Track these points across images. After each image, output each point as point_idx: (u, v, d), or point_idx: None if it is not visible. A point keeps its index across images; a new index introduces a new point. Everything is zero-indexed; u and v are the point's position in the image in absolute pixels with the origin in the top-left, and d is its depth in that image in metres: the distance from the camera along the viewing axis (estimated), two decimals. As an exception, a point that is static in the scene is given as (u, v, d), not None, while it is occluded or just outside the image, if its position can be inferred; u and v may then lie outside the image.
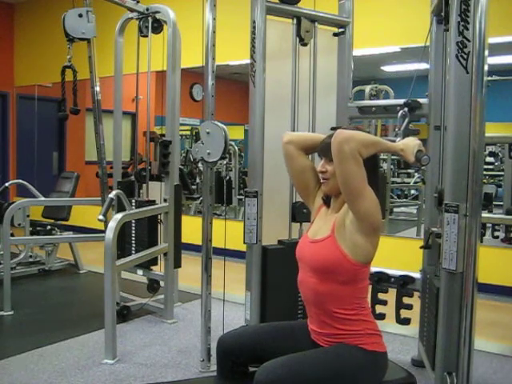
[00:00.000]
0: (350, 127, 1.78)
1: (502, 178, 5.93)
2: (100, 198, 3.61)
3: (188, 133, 8.67)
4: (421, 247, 2.72)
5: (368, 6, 4.26)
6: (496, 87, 3.61)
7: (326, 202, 1.82)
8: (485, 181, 6.62)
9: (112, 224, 2.87)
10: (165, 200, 3.48)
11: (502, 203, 5.16)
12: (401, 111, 2.26)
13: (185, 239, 3.73)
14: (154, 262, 3.60)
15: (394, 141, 1.77)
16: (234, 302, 3.58)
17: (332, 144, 1.57)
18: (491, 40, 1.99)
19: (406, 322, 2.66)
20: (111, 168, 3.80)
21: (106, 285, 2.81)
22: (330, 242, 1.66)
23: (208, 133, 2.54)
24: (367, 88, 5.81)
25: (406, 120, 2.20)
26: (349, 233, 1.63)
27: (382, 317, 2.63)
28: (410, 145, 1.67)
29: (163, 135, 3.76)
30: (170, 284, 3.49)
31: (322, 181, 1.76)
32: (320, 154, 1.79)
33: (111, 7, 3.45)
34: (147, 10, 3.54)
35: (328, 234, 1.68)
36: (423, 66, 2.58)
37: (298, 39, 2.72)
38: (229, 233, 2.80)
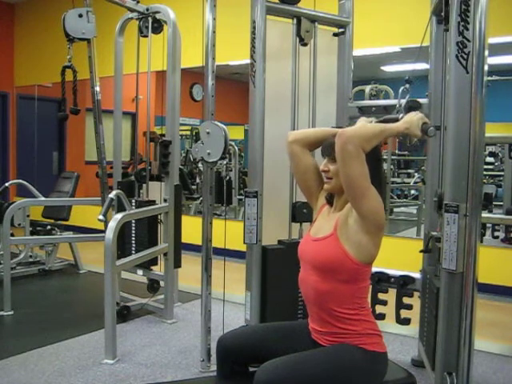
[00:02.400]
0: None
1: (501, 178, 5.93)
2: (100, 198, 3.61)
3: (188, 133, 8.67)
4: (420, 251, 2.72)
5: (368, 6, 4.26)
6: (496, 87, 3.61)
7: (330, 201, 1.82)
8: (485, 181, 6.62)
9: (112, 224, 2.87)
10: (165, 200, 3.48)
11: (502, 203, 5.16)
12: (402, 87, 2.24)
13: (185, 239, 3.73)
14: (154, 262, 3.60)
15: (396, 118, 1.76)
16: (234, 302, 3.58)
17: (336, 145, 1.57)
18: (491, 40, 1.99)
19: (406, 322, 2.66)
20: (111, 168, 3.79)
21: (106, 285, 2.81)
22: (332, 240, 1.66)
23: (208, 133, 2.54)
24: (367, 88, 5.81)
25: (408, 96, 2.18)
26: (352, 231, 1.63)
27: (382, 317, 2.63)
28: (413, 120, 1.65)
29: (163, 135, 3.76)
30: (170, 284, 3.49)
31: (325, 180, 1.76)
32: (323, 153, 1.79)
33: (111, 7, 3.45)
34: (147, 10, 3.54)
35: (330, 232, 1.68)
36: (420, 66, 2.58)
37: (298, 39, 2.72)
38: (229, 233, 2.80)
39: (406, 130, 1.65)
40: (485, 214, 3.70)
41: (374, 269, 2.61)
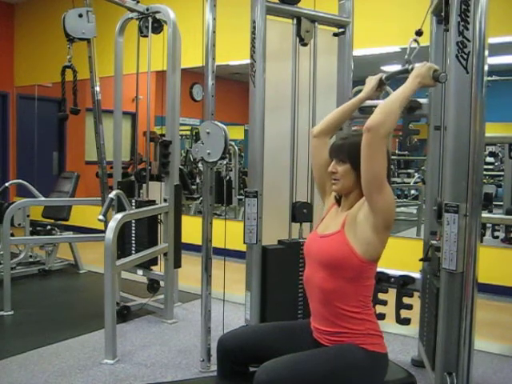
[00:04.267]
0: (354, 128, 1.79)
1: (502, 178, 5.92)
2: (100, 198, 3.61)
3: (188, 133, 8.67)
4: (420, 260, 2.71)
5: (368, 6, 4.26)
6: (496, 87, 3.61)
7: (338, 200, 1.83)
8: (485, 181, 6.62)
9: (112, 224, 2.87)
10: (165, 200, 3.48)
11: (502, 203, 5.16)
12: (411, 39, 2.22)
13: (185, 239, 3.73)
14: (154, 262, 3.60)
15: (406, 69, 1.77)
16: (234, 302, 3.58)
17: (363, 142, 1.57)
18: (491, 40, 1.99)
19: (405, 322, 2.66)
20: (111, 168, 3.79)
21: (106, 285, 2.81)
22: (339, 237, 1.67)
23: (208, 133, 2.54)
24: (367, 88, 5.79)
25: (417, 47, 2.16)
26: (360, 228, 1.63)
27: (382, 317, 2.63)
28: (423, 72, 1.68)
29: (163, 135, 3.76)
30: (170, 284, 3.49)
31: (332, 182, 1.77)
32: (331, 155, 1.79)
33: (111, 7, 3.45)
34: (147, 10, 3.54)
35: (338, 229, 1.69)
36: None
37: (298, 39, 2.72)
38: (229, 233, 2.80)
39: (420, 84, 1.67)
40: (485, 214, 3.70)
41: (375, 269, 2.62)
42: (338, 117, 1.96)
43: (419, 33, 2.25)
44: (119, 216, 2.95)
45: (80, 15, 3.20)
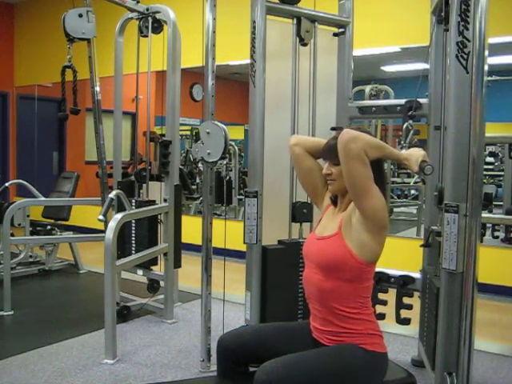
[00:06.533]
0: (353, 127, 1.79)
1: (502, 178, 5.92)
2: (100, 198, 3.62)
3: (188, 133, 8.67)
4: (421, 245, 2.72)
5: (368, 6, 4.26)
6: (496, 87, 3.60)
7: (334, 201, 1.83)
8: (485, 181, 6.61)
9: (112, 224, 2.87)
10: (165, 200, 3.48)
11: (501, 203, 5.16)
12: (406, 124, 2.26)
13: (185, 239, 3.73)
14: (154, 262, 3.60)
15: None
16: (234, 302, 3.59)
17: (338, 143, 1.59)
18: (491, 40, 1.99)
19: (406, 322, 2.66)
20: (111, 168, 3.79)
21: (106, 285, 2.81)
22: (337, 239, 1.67)
23: (208, 133, 2.54)
24: (367, 88, 5.81)
25: (411, 133, 2.20)
26: (355, 231, 1.64)
27: (382, 317, 2.63)
28: (414, 155, 1.70)
29: (163, 135, 3.76)
30: (170, 284, 3.49)
31: (328, 182, 1.77)
32: (324, 157, 1.80)
33: (111, 7, 3.45)
34: (147, 10, 3.54)
35: (335, 231, 1.69)
36: (420, 66, 2.56)
37: (298, 39, 2.72)
38: (229, 233, 2.80)
39: (405, 160, 1.70)
40: (485, 214, 3.70)
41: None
42: (318, 147, 1.86)
43: (412, 116, 2.29)
44: (119, 216, 2.95)
45: (80, 15, 3.20)
